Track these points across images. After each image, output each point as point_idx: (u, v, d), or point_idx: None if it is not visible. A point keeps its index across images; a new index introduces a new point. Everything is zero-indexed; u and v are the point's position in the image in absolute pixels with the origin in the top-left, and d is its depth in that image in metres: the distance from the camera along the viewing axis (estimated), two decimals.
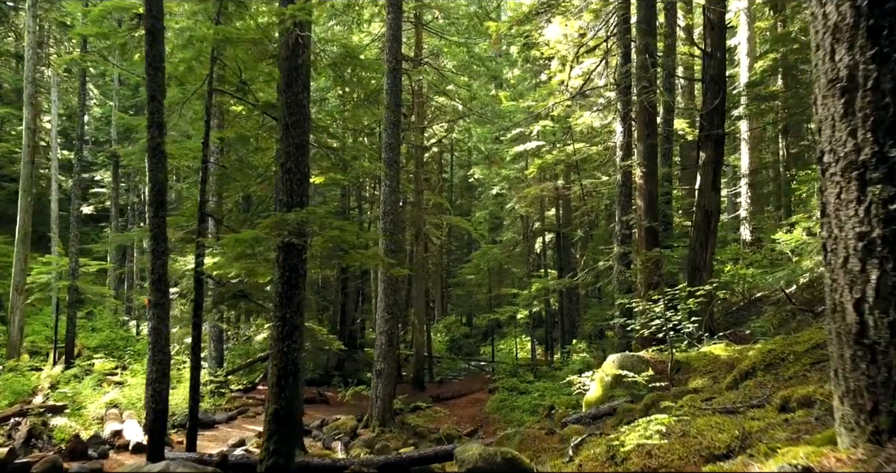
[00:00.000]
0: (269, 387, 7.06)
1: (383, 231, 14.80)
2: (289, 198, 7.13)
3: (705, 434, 3.51)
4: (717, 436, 3.37)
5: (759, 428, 3.29)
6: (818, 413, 3.15)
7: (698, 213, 12.68)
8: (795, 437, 2.80)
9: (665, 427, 3.59)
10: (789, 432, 2.95)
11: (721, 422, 3.65)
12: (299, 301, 7.14)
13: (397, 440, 14.22)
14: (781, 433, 3.00)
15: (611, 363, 8.97)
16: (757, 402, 4.32)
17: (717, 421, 3.69)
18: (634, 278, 13.02)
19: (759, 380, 5.32)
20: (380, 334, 14.76)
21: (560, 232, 25.37)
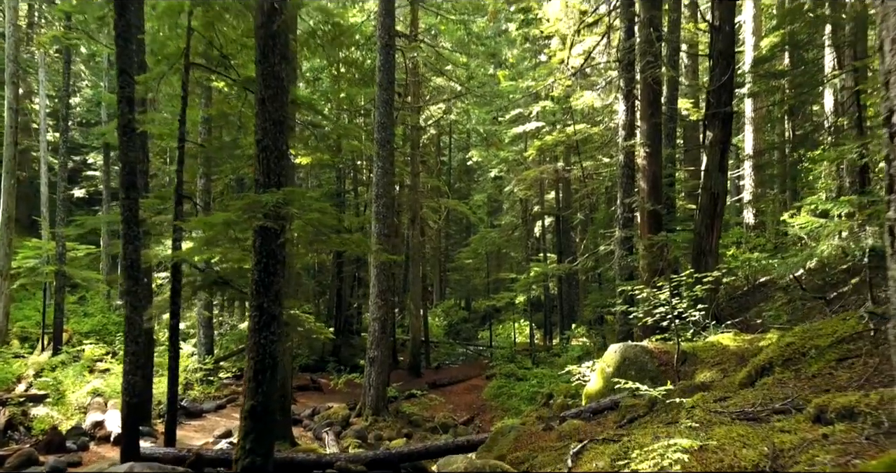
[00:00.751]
0: (244, 382, 6.57)
1: (376, 214, 14.26)
2: (265, 178, 6.58)
3: (727, 448, 3.01)
4: (742, 453, 2.87)
5: (793, 445, 2.78)
6: (867, 429, 2.65)
7: (704, 196, 12.13)
8: (844, 461, 2.31)
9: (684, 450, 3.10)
10: (834, 453, 2.46)
11: (744, 434, 3.14)
12: (278, 289, 6.63)
13: (391, 429, 13.81)
14: (822, 453, 2.51)
15: (612, 353, 8.48)
16: (781, 406, 3.82)
17: (739, 433, 3.18)
18: (637, 263, 12.51)
19: (777, 377, 4.83)
20: (373, 321, 14.28)
21: (560, 215, 24.82)
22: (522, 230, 27.78)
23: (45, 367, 16.19)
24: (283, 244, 6.67)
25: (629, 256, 12.68)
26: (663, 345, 8.36)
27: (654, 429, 4.02)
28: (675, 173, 17.72)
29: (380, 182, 14.25)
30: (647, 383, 7.88)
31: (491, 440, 7.37)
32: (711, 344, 8.14)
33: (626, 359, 8.20)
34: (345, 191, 26.81)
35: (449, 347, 28.81)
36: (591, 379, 8.95)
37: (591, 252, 15.29)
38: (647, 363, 8.03)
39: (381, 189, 14.24)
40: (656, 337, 9.36)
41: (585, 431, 6.73)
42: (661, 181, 12.90)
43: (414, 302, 21.61)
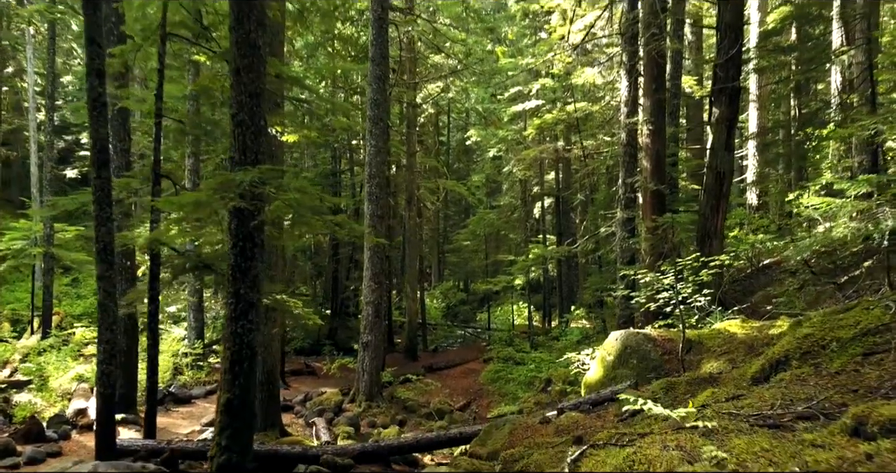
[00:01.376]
0: (220, 374, 6.15)
1: (369, 195, 13.78)
2: (241, 155, 6.10)
3: (748, 465, 2.58)
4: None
5: (830, 466, 2.35)
6: None
7: (709, 175, 11.64)
8: None
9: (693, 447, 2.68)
10: None
11: (769, 448, 2.71)
12: (256, 274, 6.17)
13: (385, 415, 13.47)
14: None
15: (613, 341, 8.06)
16: (805, 410, 3.38)
17: (762, 446, 2.74)
18: (639, 246, 12.06)
19: (795, 373, 4.39)
20: (366, 304, 13.87)
21: (560, 196, 24.32)
22: (521, 211, 27.30)
23: (32, 352, 15.83)
24: (260, 226, 6.21)
25: (631, 238, 12.23)
26: (667, 333, 7.94)
27: (660, 434, 3.59)
28: (678, 152, 17.18)
29: (373, 161, 13.75)
30: (650, 373, 7.49)
31: (484, 433, 6.98)
32: (718, 332, 7.71)
33: (628, 348, 7.79)
34: (340, 171, 26.29)
35: (447, 329, 28.52)
36: (590, 368, 8.55)
37: (592, 234, 14.83)
38: (650, 352, 7.62)
39: (374, 168, 13.74)
40: (659, 322, 8.94)
41: (584, 425, 6.33)
42: (665, 160, 12.41)
43: (410, 285, 21.21)
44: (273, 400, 10.83)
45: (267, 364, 10.73)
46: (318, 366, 18.71)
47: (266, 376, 10.71)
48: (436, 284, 37.16)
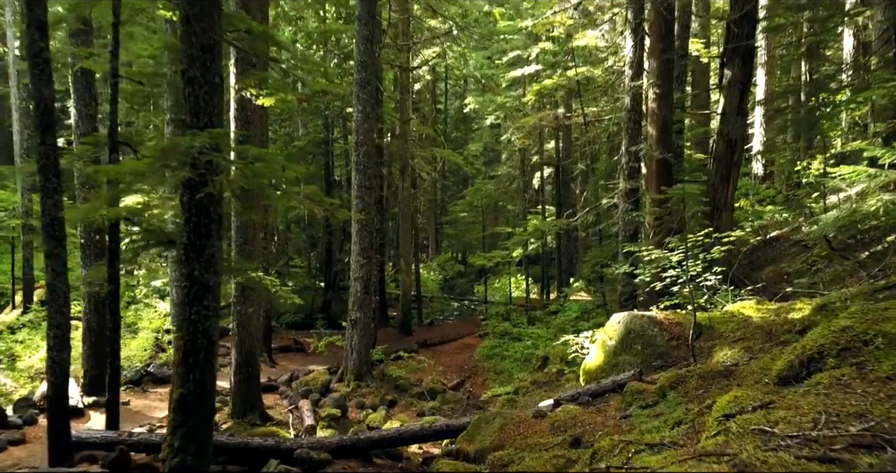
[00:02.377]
0: (173, 366, 5.46)
1: (356, 164, 12.96)
2: (193, 117, 5.30)
3: None
4: None
5: None
6: None
7: (720, 142, 10.84)
8: None
9: None
10: None
11: None
12: (212, 253, 5.43)
13: (374, 395, 12.89)
14: None
15: (616, 324, 7.37)
16: (863, 435, 2.68)
17: None
18: (642, 218, 11.31)
19: (834, 376, 3.69)
20: (355, 280, 13.17)
21: (560, 165, 23.46)
22: (520, 181, 26.45)
23: (9, 327, 15.21)
24: (216, 199, 5.45)
25: (634, 211, 11.47)
26: (674, 315, 7.25)
27: (679, 462, 2.90)
28: (683, 119, 16.30)
29: (360, 128, 12.90)
30: (656, 361, 6.81)
31: (473, 427, 6.33)
32: (731, 315, 7.02)
33: (631, 332, 7.10)
34: (332, 140, 25.36)
35: (443, 303, 27.93)
36: (590, 352, 7.88)
37: (593, 206, 14.06)
38: (656, 337, 6.93)
39: (362, 136, 12.90)
40: (665, 302, 8.24)
41: (583, 422, 5.67)
42: (672, 126, 11.59)
43: (405, 258, 20.52)
44: (252, 383, 10.21)
45: (245, 344, 10.08)
46: (307, 342, 18.11)
47: (244, 357, 10.08)
48: (433, 256, 36.50)
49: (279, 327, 21.60)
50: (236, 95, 9.70)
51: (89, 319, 10.79)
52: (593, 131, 19.25)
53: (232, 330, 10.24)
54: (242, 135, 9.90)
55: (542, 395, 11.96)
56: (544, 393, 12.03)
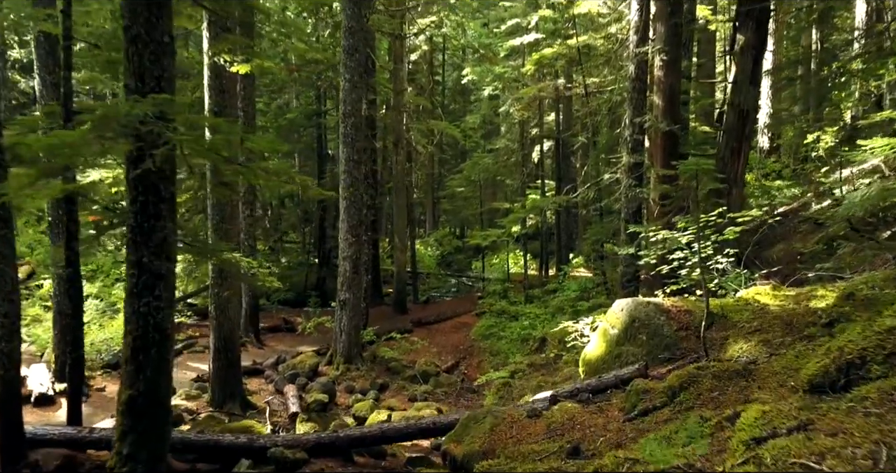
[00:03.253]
0: (122, 364, 4.86)
1: (343, 137, 12.26)
2: (137, 81, 4.61)
3: None
4: None
5: None
6: None
7: (730, 113, 10.14)
8: None
9: None
10: None
11: None
12: (163, 237, 4.80)
13: (364, 379, 12.39)
14: None
15: (619, 311, 6.77)
16: None
17: None
18: (646, 195, 10.65)
19: (884, 389, 3.08)
20: (343, 259, 12.57)
21: (560, 138, 22.68)
22: (519, 155, 25.66)
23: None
24: (168, 176, 4.79)
25: (637, 186, 10.80)
26: (682, 303, 6.63)
27: None
28: (689, 89, 15.51)
29: (347, 98, 12.15)
30: (662, 352, 6.22)
31: (462, 426, 5.76)
32: (745, 302, 6.40)
33: (636, 321, 6.50)
34: (325, 112, 24.53)
35: (440, 280, 27.39)
36: (590, 341, 7.29)
37: (594, 181, 13.38)
38: (663, 326, 6.33)
39: (350, 106, 12.16)
40: (671, 286, 7.62)
41: (583, 424, 5.09)
42: (679, 96, 10.86)
43: (399, 235, 19.87)
44: (232, 369, 9.66)
45: (223, 329, 9.51)
46: (298, 321, 17.59)
47: (223, 342, 9.52)
48: (431, 231, 35.85)
49: (270, 305, 21.07)
50: (210, 62, 8.96)
51: (60, 302, 10.20)
52: (595, 101, 18.44)
53: (210, 314, 9.66)
54: (218, 106, 9.19)
55: (538, 380, 11.45)
56: (541, 378, 11.52)
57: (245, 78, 14.35)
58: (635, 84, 11.00)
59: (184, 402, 9.62)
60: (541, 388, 10.90)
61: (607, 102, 19.33)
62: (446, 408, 11.09)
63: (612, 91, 18.40)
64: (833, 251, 8.72)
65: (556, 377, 11.23)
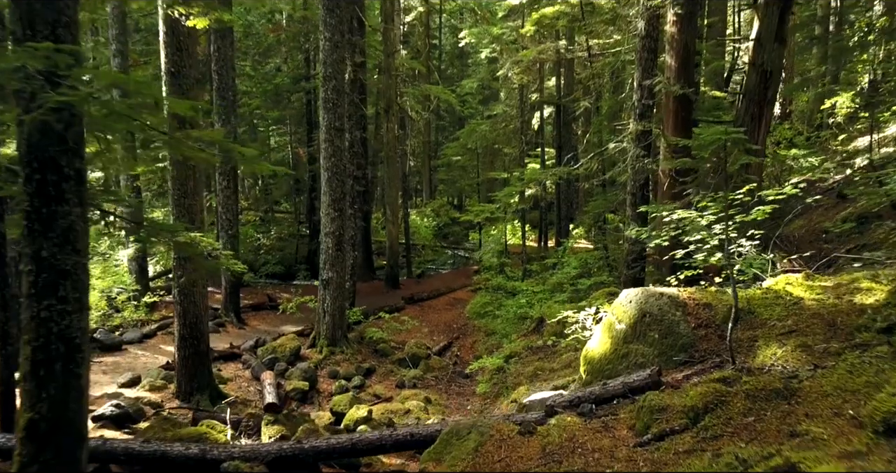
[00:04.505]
0: (21, 380, 3.97)
1: (324, 102, 11.21)
2: (27, 29, 3.63)
3: None
4: None
5: None
6: None
7: (751, 74, 9.11)
8: None
9: None
10: None
11: None
12: (69, 225, 3.87)
13: (349, 363, 11.60)
14: None
15: (626, 303, 5.87)
16: None
17: None
18: (656, 166, 9.68)
19: None
20: (326, 236, 11.65)
21: (561, 104, 21.54)
22: (518, 121, 24.51)
23: None
24: (73, 148, 3.83)
25: (646, 156, 9.81)
26: (701, 295, 5.72)
27: None
28: (701, 49, 14.34)
29: (328, 59, 11.08)
30: (678, 354, 5.35)
31: (443, 443, 4.91)
32: (775, 295, 5.50)
33: (647, 315, 5.60)
34: (313, 76, 23.28)
35: (435, 253, 26.51)
36: (593, 336, 6.40)
37: (597, 151, 12.36)
38: (678, 322, 5.43)
39: (330, 68, 11.09)
40: (685, 272, 6.70)
41: (585, 447, 4.24)
42: (695, 55, 9.79)
43: (391, 206, 18.91)
44: (200, 358, 8.82)
45: (189, 315, 8.64)
46: (285, 298, 16.75)
47: (189, 329, 8.66)
48: (427, 201, 34.83)
49: (258, 279, 20.24)
50: (164, 14, 7.90)
51: None
52: (599, 64, 17.25)
53: (174, 299, 8.78)
54: (175, 66, 8.16)
55: (535, 365, 10.63)
56: (538, 363, 10.70)
57: (221, 38, 13.25)
58: (645, 42, 9.91)
59: (147, 394, 8.80)
60: (537, 377, 10.10)
61: (610, 65, 18.16)
62: (436, 396, 10.32)
63: (616, 54, 17.21)
64: (866, 230, 7.79)
65: (553, 362, 10.42)
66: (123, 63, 13.33)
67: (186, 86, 8.25)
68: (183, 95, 8.26)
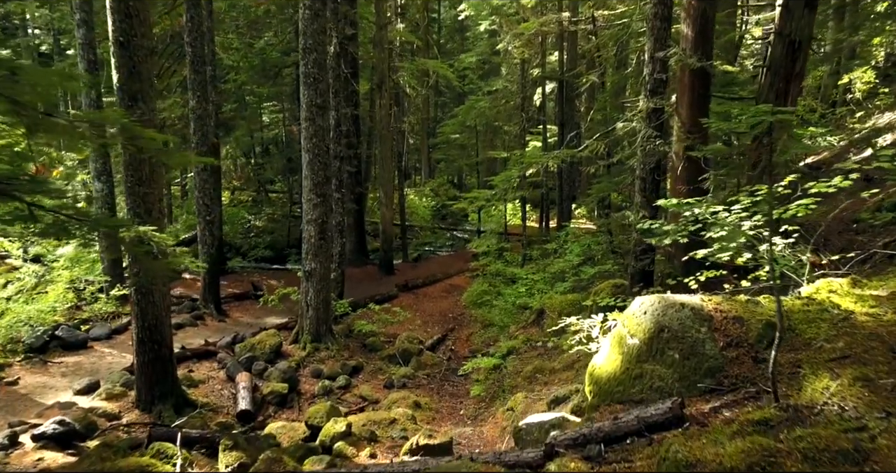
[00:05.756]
0: None
1: (304, 76, 10.21)
2: None
3: None
4: None
5: None
6: None
7: (777, 45, 8.09)
8: None
9: None
10: None
11: None
12: None
13: (335, 360, 10.79)
14: None
15: (640, 314, 4.97)
16: None
17: None
18: (669, 148, 8.71)
19: None
20: (307, 223, 10.74)
21: (563, 79, 20.44)
22: (519, 98, 23.40)
23: None
24: None
25: (657, 137, 8.83)
26: (728, 305, 4.81)
27: None
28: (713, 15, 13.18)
29: (307, 29, 10.05)
30: (704, 380, 4.46)
31: None
32: (818, 306, 4.59)
33: (665, 330, 4.70)
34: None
35: (433, 235, 25.60)
36: (601, 350, 5.51)
37: (603, 132, 11.36)
38: (704, 341, 4.53)
39: (311, 39, 10.08)
40: (706, 273, 5.79)
41: None
42: (714, 24, 8.76)
43: (384, 188, 17.96)
44: (161, 363, 7.97)
45: (148, 316, 7.77)
46: (272, 286, 15.90)
47: (148, 332, 7.80)
48: (426, 180, 33.80)
49: (247, 264, 19.36)
50: None
51: None
52: (609, 32, 16.06)
53: (130, 298, 7.91)
54: (125, 35, 7.18)
55: (535, 364, 9.78)
56: (538, 362, 9.85)
57: (194, 6, 12.22)
58: (658, 9, 8.85)
59: (103, 403, 7.97)
60: (536, 379, 9.26)
61: (616, 37, 17.03)
62: (426, 399, 9.50)
63: (621, 28, 16.05)
64: None
65: (554, 361, 9.58)
66: (88, 34, 12.28)
67: (138, 58, 7.28)
68: (134, 69, 7.30)
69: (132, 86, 7.33)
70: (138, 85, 7.35)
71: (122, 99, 7.32)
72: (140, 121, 7.36)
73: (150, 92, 7.49)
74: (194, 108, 12.31)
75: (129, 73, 7.29)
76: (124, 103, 7.33)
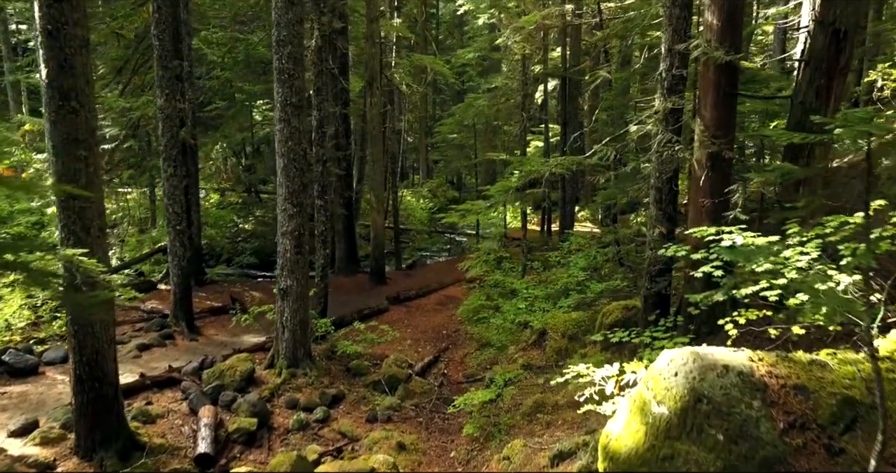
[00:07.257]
0: None
1: (278, 72, 9.12)
2: None
3: None
4: None
5: None
6: None
7: (818, 35, 7.00)
8: None
9: None
10: None
11: None
12: None
13: (313, 388, 9.71)
14: None
15: (669, 375, 3.88)
16: None
17: None
18: (689, 154, 7.62)
19: None
20: (283, 236, 9.65)
21: (567, 76, 19.32)
22: (519, 95, 22.27)
23: None
24: None
25: (677, 142, 7.74)
26: (786, 368, 3.71)
27: None
28: None
29: (281, 19, 8.96)
30: (754, 466, 3.36)
31: None
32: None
33: (703, 400, 3.62)
34: None
35: (430, 240, 24.51)
36: (618, 414, 4.41)
37: (613, 136, 10.26)
38: (758, 420, 3.44)
39: (285, 31, 8.98)
40: (745, 314, 4.70)
41: None
42: (742, 12, 7.67)
43: (375, 192, 16.86)
44: (105, 403, 6.89)
45: (87, 349, 6.71)
46: (254, 298, 14.84)
47: (87, 368, 6.74)
48: (424, 181, 32.69)
49: (231, 271, 18.23)
50: None
51: None
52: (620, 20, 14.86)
53: (67, 330, 6.84)
54: (53, 22, 6.12)
55: (536, 397, 8.64)
56: (540, 394, 8.75)
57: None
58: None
59: (36, 449, 6.89)
60: (536, 419, 8.14)
61: (623, 31, 15.88)
62: (412, 438, 8.45)
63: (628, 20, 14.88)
64: None
65: (558, 395, 8.49)
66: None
67: (71, 49, 6.22)
68: (66, 62, 6.23)
69: (64, 82, 6.26)
70: (71, 80, 6.28)
71: (53, 97, 6.25)
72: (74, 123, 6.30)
73: (86, 89, 6.41)
74: (162, 107, 11.22)
75: (60, 67, 6.22)
76: (55, 102, 6.26)
